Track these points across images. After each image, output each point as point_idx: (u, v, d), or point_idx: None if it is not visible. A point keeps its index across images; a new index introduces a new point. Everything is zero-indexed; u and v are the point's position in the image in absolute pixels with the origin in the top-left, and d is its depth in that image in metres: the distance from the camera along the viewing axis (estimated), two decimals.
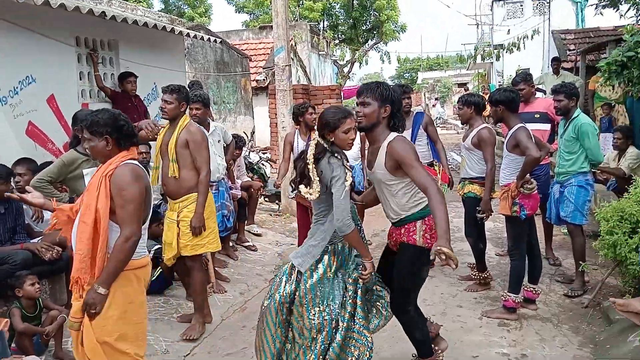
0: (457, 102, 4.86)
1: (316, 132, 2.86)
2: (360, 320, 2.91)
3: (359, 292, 2.94)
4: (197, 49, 9.98)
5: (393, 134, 2.88)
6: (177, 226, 3.89)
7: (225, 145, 5.45)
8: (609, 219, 4.12)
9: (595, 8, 11.45)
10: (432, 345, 3.18)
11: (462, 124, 4.84)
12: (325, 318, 2.84)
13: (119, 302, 2.50)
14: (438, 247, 2.45)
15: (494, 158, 4.50)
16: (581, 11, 16.78)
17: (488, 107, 4.54)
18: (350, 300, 2.91)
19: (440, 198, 2.63)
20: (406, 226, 2.92)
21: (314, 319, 2.84)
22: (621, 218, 4.05)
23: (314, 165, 2.78)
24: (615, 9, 10.55)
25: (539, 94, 8.71)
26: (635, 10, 6.96)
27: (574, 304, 4.46)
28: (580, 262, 4.56)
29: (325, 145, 2.81)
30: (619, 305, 3.63)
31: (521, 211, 4.06)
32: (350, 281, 2.93)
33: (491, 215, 4.61)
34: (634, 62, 5.22)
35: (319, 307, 2.85)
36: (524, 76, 5.66)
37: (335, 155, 2.81)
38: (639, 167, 5.74)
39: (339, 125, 2.80)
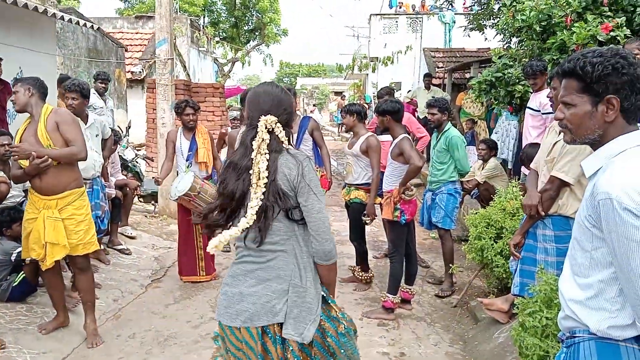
0: (341, 112, 5.03)
1: (266, 117, 2.04)
2: None
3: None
4: (67, 34, 9.18)
5: None
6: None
7: (103, 139, 5.06)
8: (477, 225, 4.49)
9: (464, 30, 12.50)
10: None
11: (347, 131, 5.01)
12: None
13: None
14: None
15: (379, 165, 4.69)
16: (449, 32, 18.22)
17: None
18: None
19: None
20: None
21: None
22: (488, 224, 4.43)
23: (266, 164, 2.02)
24: (481, 32, 11.61)
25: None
26: (501, 35, 7.70)
27: (444, 304, 4.79)
28: (450, 265, 4.90)
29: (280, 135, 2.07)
30: (485, 305, 3.96)
31: (402, 216, 4.28)
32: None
33: (375, 219, 4.79)
34: (501, 82, 5.79)
35: None
36: (388, 90, 6.15)
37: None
38: (497, 176, 6.32)
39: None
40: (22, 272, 4.06)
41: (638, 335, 1.49)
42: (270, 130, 2.04)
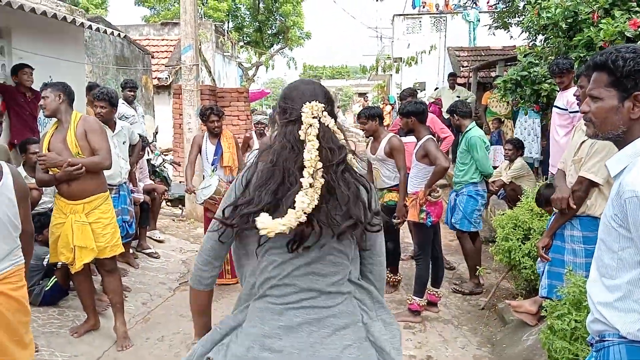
0: (360, 118, 4.92)
1: (311, 103, 1.62)
2: None
3: None
4: (95, 42, 9.39)
5: None
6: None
7: (131, 145, 5.16)
8: (504, 226, 4.43)
9: (489, 28, 12.34)
10: None
11: (367, 137, 4.94)
12: None
13: None
14: None
15: (405, 165, 4.64)
16: (473, 30, 17.99)
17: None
18: None
19: None
20: None
21: None
22: (515, 225, 4.37)
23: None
24: (506, 31, 11.46)
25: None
26: (527, 32, 7.59)
27: (472, 306, 4.74)
28: (477, 267, 4.85)
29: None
30: (513, 307, 3.91)
31: (427, 218, 4.25)
32: None
33: (405, 221, 4.73)
34: (527, 81, 5.70)
35: None
36: (411, 91, 6.14)
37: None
38: (524, 176, 6.22)
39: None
40: (54, 276, 4.17)
41: None
42: (318, 118, 1.60)
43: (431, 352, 3.85)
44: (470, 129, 4.90)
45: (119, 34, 8.43)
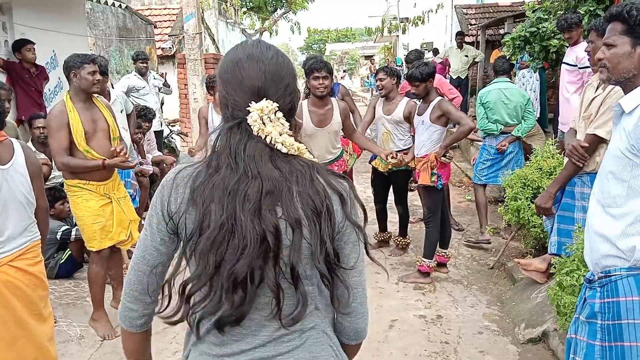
0: (379, 73, 4.85)
1: (260, 105, 1.19)
2: None
3: None
4: (97, 14, 9.28)
5: None
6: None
7: (127, 114, 5.12)
8: (512, 186, 4.41)
9: None
10: None
11: (382, 95, 4.85)
12: None
13: None
14: None
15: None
16: None
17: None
18: None
19: None
20: None
21: None
22: (524, 185, 4.35)
23: None
24: None
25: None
26: None
27: (481, 266, 4.77)
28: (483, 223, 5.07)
29: None
30: (522, 265, 3.93)
31: (438, 181, 4.24)
32: None
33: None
34: (536, 38, 5.58)
35: None
36: (417, 54, 6.10)
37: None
38: (534, 135, 6.14)
39: None
40: (68, 249, 4.24)
41: None
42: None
43: (441, 312, 3.90)
44: (490, 84, 5.27)
45: (120, 4, 8.33)
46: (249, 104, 1.18)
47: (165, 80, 7.78)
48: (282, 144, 1.18)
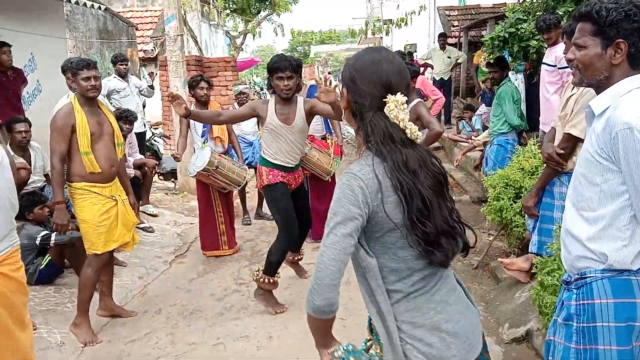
0: None
1: (395, 97, 1.47)
2: None
3: None
4: (77, 17, 9.17)
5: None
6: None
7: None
8: (495, 186, 4.44)
9: None
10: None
11: None
12: None
13: None
14: None
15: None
16: None
17: None
18: None
19: None
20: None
21: None
22: (506, 184, 4.37)
23: None
24: None
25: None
26: None
27: (465, 266, 4.79)
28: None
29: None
30: (505, 264, 3.95)
31: None
32: None
33: None
34: (515, 38, 5.63)
35: None
36: (402, 54, 6.19)
37: None
38: None
39: None
40: (48, 255, 4.17)
41: None
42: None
43: None
44: (504, 83, 5.32)
45: (100, 6, 8.24)
46: (385, 96, 1.45)
47: (153, 81, 7.76)
48: (410, 130, 1.47)
